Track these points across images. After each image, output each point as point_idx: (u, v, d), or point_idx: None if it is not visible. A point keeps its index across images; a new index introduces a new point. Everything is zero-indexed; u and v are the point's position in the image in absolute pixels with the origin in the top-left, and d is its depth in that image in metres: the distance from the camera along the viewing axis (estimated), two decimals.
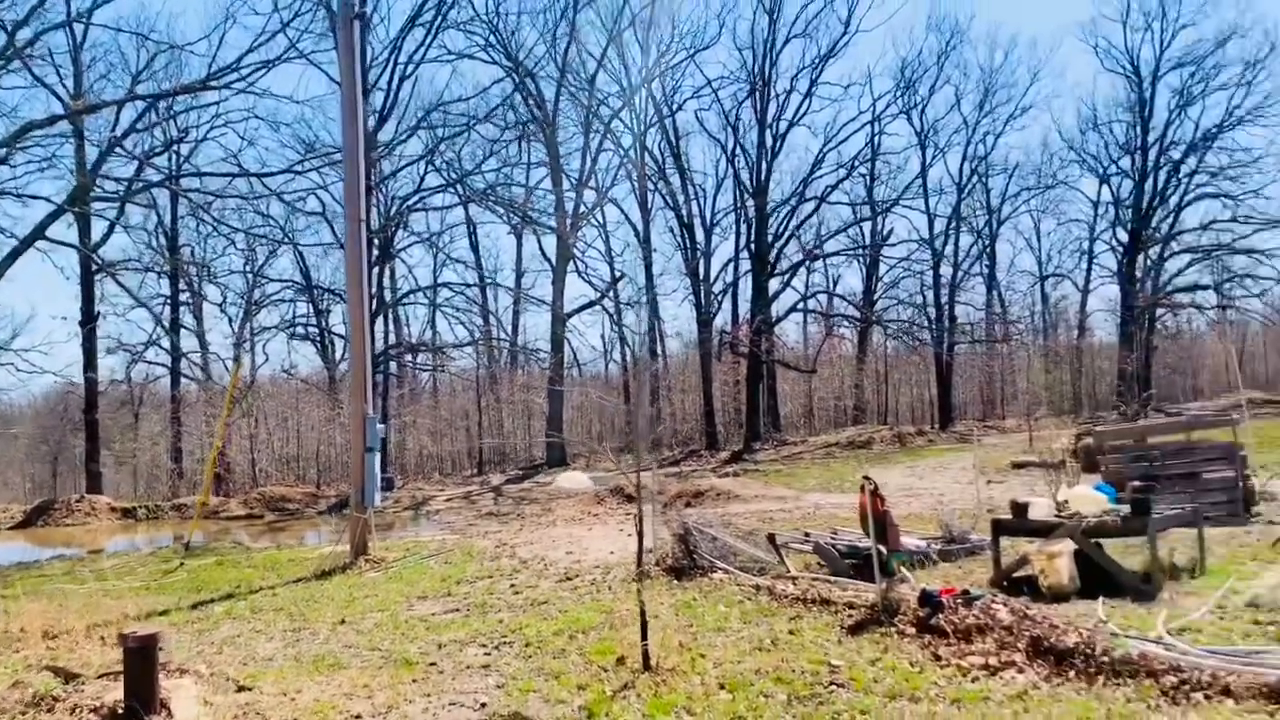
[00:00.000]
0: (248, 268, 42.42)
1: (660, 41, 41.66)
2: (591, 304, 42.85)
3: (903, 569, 10.07)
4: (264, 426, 36.70)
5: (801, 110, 43.50)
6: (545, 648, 8.22)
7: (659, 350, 46.65)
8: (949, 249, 49.71)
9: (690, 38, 43.62)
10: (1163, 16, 48.52)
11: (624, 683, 6.90)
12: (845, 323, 52.32)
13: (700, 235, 44.66)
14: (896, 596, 8.31)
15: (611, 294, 43.36)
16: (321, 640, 9.25)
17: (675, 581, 10.70)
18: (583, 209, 40.80)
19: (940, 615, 7.63)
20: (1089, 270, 54.30)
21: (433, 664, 7.97)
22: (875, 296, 50.86)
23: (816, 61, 43.09)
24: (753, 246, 42.88)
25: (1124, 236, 50.53)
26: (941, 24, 47.71)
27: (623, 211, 45.48)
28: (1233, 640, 6.97)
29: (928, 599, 7.80)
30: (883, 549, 9.28)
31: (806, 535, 12.19)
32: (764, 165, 42.58)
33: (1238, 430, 14.70)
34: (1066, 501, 9.41)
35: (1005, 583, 9.31)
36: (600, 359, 52.62)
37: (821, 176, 44.96)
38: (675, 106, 44.08)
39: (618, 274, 43.17)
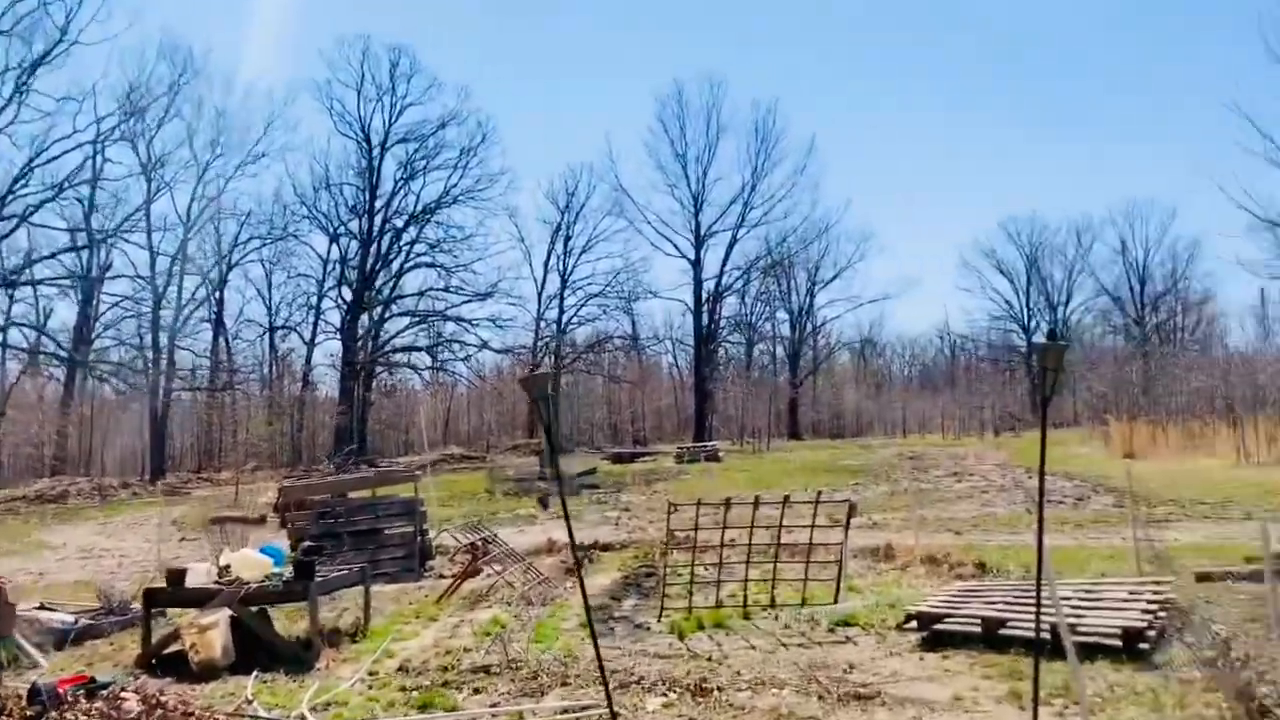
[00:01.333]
0: None
1: None
2: None
3: (34, 653, 8.48)
4: None
5: (8, 117, 38.26)
6: None
7: None
8: (173, 290, 47.06)
9: None
10: (392, 92, 51.95)
11: None
12: (55, 361, 46.69)
13: None
14: (5, 693, 6.81)
15: None
16: None
17: None
18: None
19: (55, 713, 6.35)
20: (315, 325, 55.00)
21: None
22: (93, 335, 46.16)
23: (27, 66, 38.22)
24: None
25: (349, 295, 52.44)
26: (174, 54, 44.45)
27: None
28: (377, 712, 6.70)
29: (36, 695, 6.44)
30: None
31: None
32: None
33: (420, 485, 15.38)
34: (229, 566, 8.60)
35: (155, 660, 8.21)
36: None
37: (27, 194, 39.79)
38: None
39: None
